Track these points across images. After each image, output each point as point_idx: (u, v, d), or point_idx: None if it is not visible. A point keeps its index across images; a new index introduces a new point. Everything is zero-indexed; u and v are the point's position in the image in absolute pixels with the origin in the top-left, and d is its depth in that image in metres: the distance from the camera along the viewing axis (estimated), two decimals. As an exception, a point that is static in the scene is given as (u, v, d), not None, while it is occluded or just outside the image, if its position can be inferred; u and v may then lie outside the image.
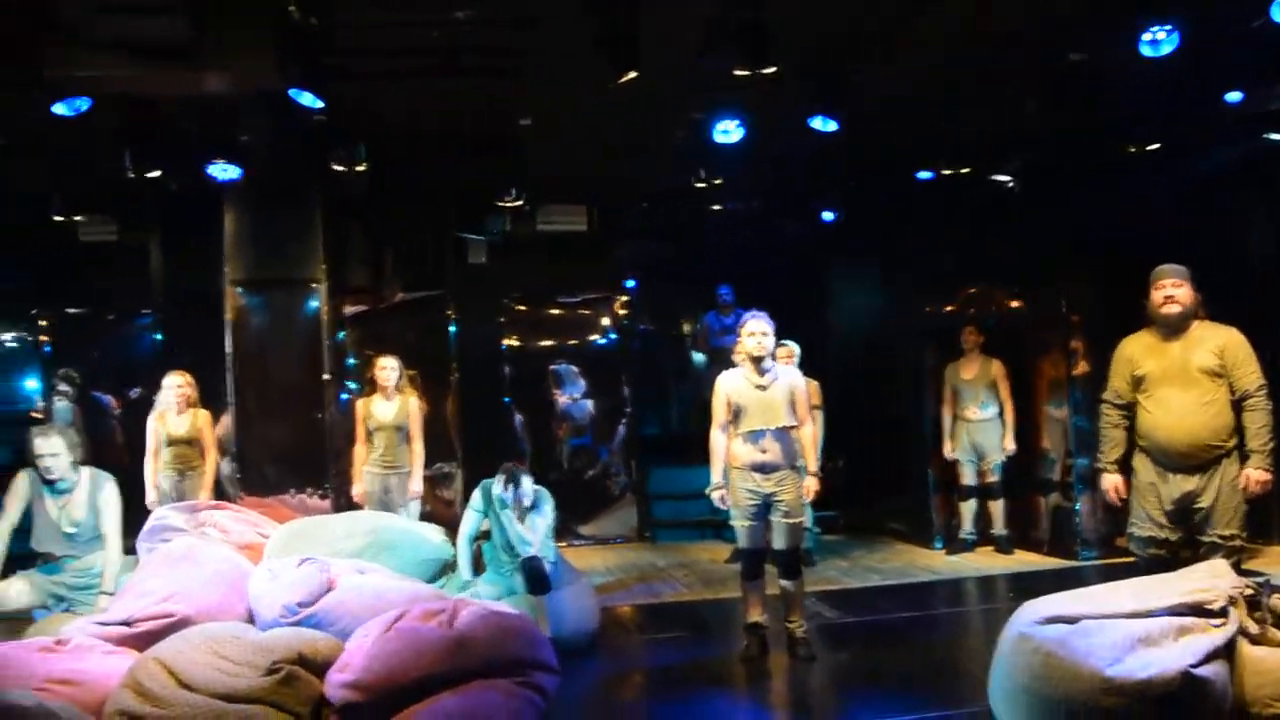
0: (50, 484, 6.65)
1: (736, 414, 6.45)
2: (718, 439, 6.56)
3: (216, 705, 5.03)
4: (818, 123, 7.93)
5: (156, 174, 8.14)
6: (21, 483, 6.70)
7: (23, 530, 6.75)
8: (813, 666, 6.44)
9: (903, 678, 6.19)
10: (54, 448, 6.60)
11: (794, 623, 6.56)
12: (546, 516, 7.10)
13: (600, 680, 6.66)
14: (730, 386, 6.53)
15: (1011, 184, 9.65)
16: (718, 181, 9.55)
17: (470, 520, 7.32)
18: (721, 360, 10.77)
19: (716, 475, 6.53)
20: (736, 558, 9.19)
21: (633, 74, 6.41)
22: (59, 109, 6.72)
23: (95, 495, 6.76)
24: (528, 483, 7.15)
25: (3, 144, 8.62)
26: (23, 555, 6.90)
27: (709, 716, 5.64)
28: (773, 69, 6.57)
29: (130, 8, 5.36)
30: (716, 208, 11.11)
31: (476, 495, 7.27)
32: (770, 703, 6.14)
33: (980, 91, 8.08)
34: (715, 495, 6.51)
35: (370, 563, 7.00)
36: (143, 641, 5.86)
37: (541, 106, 8.07)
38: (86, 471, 6.81)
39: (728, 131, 8.09)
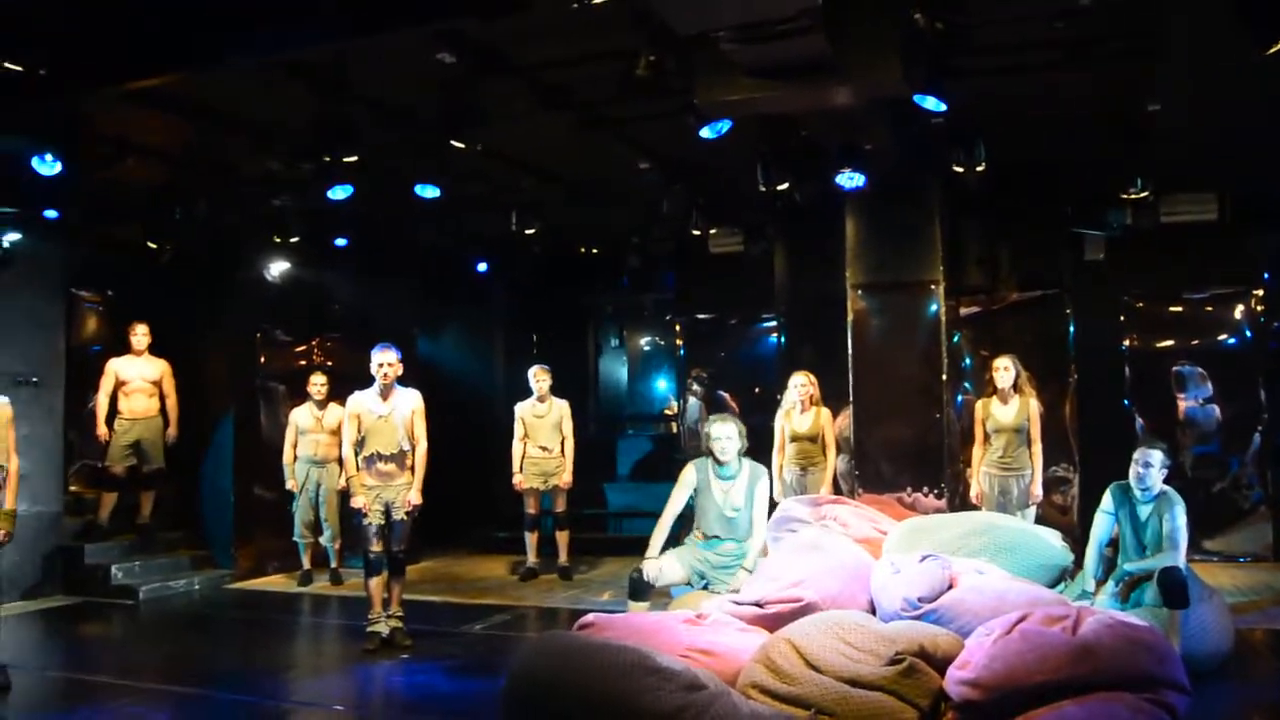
0: (721, 465, 7.25)
1: None
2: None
3: (842, 688, 5.26)
4: None
5: (785, 186, 8.62)
6: (690, 473, 7.38)
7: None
8: None
9: None
10: (728, 432, 7.20)
11: None
12: (1177, 521, 6.63)
13: (1236, 707, 6.16)
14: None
15: None
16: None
17: (1101, 524, 6.96)
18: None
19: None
20: None
21: (1282, 43, 5.83)
22: (704, 133, 7.32)
23: (753, 486, 7.28)
24: (1158, 459, 6.69)
25: (650, 167, 9.56)
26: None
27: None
28: None
29: (773, 34, 5.73)
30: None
31: (1108, 497, 6.92)
32: None
33: None
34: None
35: (988, 563, 6.97)
36: (772, 622, 6.26)
37: (1171, 88, 7.57)
38: (748, 463, 7.35)
39: (1393, 96, 7.12)
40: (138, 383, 10.18)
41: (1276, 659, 7.14)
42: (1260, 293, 11.13)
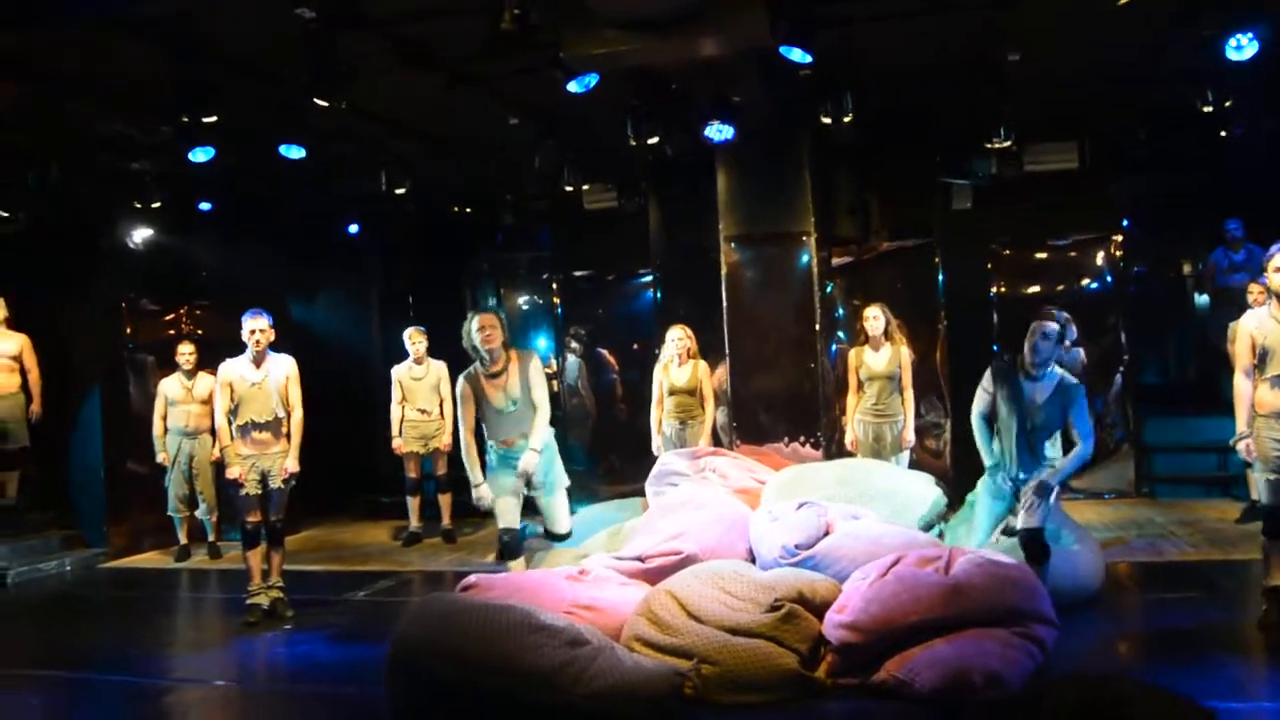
0: (486, 363, 7.09)
1: (1263, 357, 5.92)
2: (1242, 385, 6.06)
3: (722, 637, 5.35)
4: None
5: (655, 140, 8.60)
6: (463, 387, 7.19)
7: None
8: (1346, 640, 5.81)
9: None
10: (490, 322, 7.11)
11: (1322, 589, 5.94)
12: (1085, 418, 6.45)
13: (1101, 637, 6.40)
14: (1255, 327, 5.99)
15: None
16: (1228, 104, 8.73)
17: (981, 400, 6.72)
18: (1229, 301, 9.96)
19: (1242, 424, 6.05)
20: (1250, 516, 8.54)
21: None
22: (572, 87, 7.24)
23: (525, 368, 7.14)
24: (1054, 330, 6.48)
25: (520, 124, 9.46)
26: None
27: (1223, 685, 5.19)
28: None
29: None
30: (1224, 134, 10.16)
31: (986, 376, 6.73)
32: (1293, 675, 5.63)
33: None
34: (1240, 446, 6.05)
35: (864, 509, 7.11)
36: (653, 576, 6.33)
37: (1031, 38, 7.73)
38: (515, 352, 7.22)
39: (1241, 47, 7.27)
40: (-5, 358, 9.79)
41: (1139, 590, 7.44)
42: (1119, 238, 11.52)
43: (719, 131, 8.46)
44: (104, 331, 10.87)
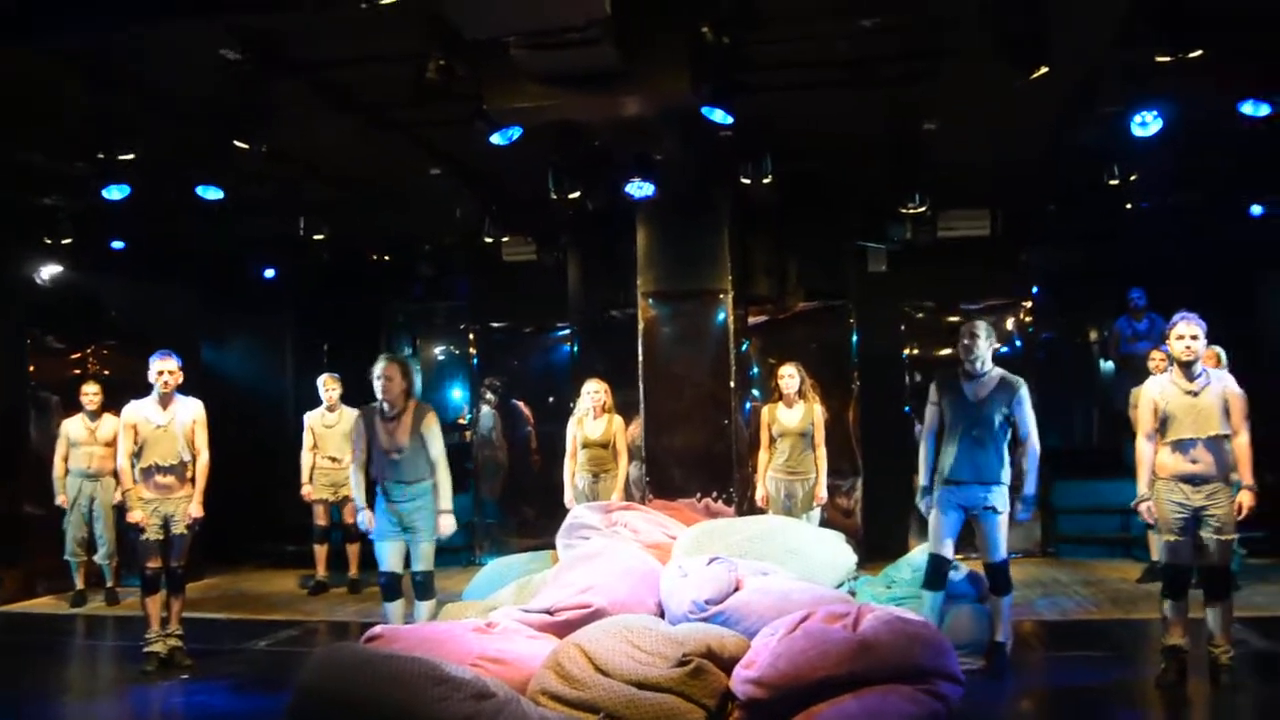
0: (385, 406, 7.02)
1: (1164, 422, 6.09)
2: (1144, 449, 6.21)
3: (630, 691, 5.32)
4: (1248, 107, 7.34)
5: (576, 195, 8.66)
6: (358, 423, 7.22)
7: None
8: (1238, 697, 5.96)
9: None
10: (389, 372, 7.00)
11: (1219, 648, 6.06)
12: (1025, 412, 6.73)
13: (1005, 695, 6.47)
14: (1157, 393, 6.17)
15: None
16: (1132, 178, 9.03)
17: (929, 415, 6.88)
18: (1131, 368, 10.24)
19: (1143, 486, 6.20)
20: (1149, 577, 8.76)
21: (1043, 70, 6.17)
22: (495, 139, 7.28)
23: (419, 423, 7.05)
24: (983, 329, 6.80)
25: (442, 173, 9.48)
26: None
27: (1123, 742, 5.31)
28: (1199, 52, 6.13)
29: (563, 42, 5.77)
30: (1129, 207, 10.49)
31: (932, 390, 6.91)
32: (1190, 733, 5.76)
33: None
34: (1142, 508, 6.21)
35: (775, 565, 7.15)
36: (562, 629, 6.27)
37: (945, 109, 7.95)
38: (414, 402, 7.15)
39: (1145, 124, 7.54)
40: (-113, 393, 9.50)
41: (1045, 648, 7.54)
42: (1029, 304, 11.82)
43: (640, 188, 8.56)
44: (5, 368, 10.57)
